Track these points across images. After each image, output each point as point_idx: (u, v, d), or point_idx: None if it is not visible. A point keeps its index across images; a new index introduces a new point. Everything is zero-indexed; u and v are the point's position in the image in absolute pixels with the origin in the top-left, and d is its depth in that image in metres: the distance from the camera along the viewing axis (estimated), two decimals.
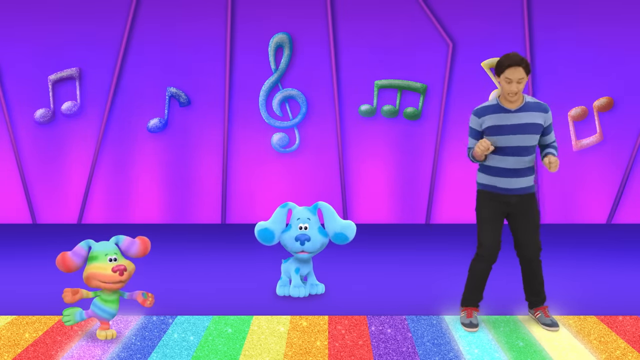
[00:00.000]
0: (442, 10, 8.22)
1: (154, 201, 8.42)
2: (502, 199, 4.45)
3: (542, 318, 4.56)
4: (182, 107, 8.34)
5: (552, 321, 4.51)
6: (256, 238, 5.33)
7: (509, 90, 4.30)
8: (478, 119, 4.44)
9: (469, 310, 4.62)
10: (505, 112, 4.38)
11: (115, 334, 4.42)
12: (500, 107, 4.40)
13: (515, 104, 4.39)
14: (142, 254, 4.58)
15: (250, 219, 8.37)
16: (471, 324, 4.53)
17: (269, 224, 5.28)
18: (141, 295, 4.49)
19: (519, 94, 4.33)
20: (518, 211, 4.47)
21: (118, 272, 4.40)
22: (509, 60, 4.27)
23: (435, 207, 8.43)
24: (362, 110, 8.29)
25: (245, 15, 8.28)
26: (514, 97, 4.33)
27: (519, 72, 4.26)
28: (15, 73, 8.30)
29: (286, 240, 5.25)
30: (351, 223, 5.28)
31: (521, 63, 4.26)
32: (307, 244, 5.18)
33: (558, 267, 6.17)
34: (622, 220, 8.38)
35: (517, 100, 4.38)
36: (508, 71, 4.27)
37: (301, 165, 8.41)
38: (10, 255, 6.74)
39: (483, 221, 4.49)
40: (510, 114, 4.37)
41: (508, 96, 4.34)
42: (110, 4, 8.23)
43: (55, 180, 8.40)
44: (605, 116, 8.27)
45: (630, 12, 8.16)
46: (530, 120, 4.37)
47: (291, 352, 4.07)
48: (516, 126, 4.36)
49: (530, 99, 4.44)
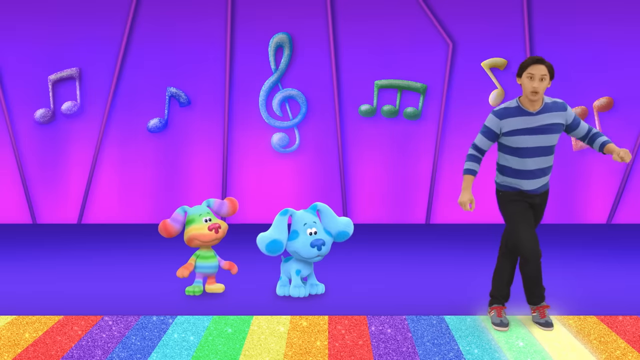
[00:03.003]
0: (442, 10, 8.22)
1: (154, 201, 8.41)
2: (528, 199, 4.45)
3: (537, 318, 4.54)
4: (182, 107, 8.34)
5: (546, 322, 4.49)
6: (262, 251, 5.16)
7: (530, 87, 4.22)
8: (499, 121, 4.35)
9: (498, 309, 4.60)
10: (527, 114, 4.31)
11: (223, 287, 5.38)
12: (522, 110, 4.32)
13: (536, 105, 4.31)
14: (231, 212, 5.53)
15: (250, 219, 8.37)
16: (502, 323, 4.49)
17: (274, 235, 5.12)
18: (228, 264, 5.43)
19: (540, 94, 4.24)
20: (536, 209, 4.51)
21: (214, 230, 5.28)
22: (531, 58, 4.25)
23: (435, 207, 8.43)
24: (362, 110, 8.29)
25: (245, 15, 8.28)
26: (535, 97, 4.24)
27: (542, 69, 4.21)
28: (15, 73, 8.30)
29: (299, 247, 5.13)
30: (349, 219, 5.35)
31: (544, 62, 4.23)
32: (323, 249, 5.17)
33: (558, 267, 6.17)
34: (622, 220, 8.38)
35: (538, 100, 4.30)
36: (531, 67, 4.22)
37: (301, 165, 8.41)
38: (10, 255, 6.74)
39: (516, 216, 4.42)
40: (531, 117, 4.31)
41: (530, 95, 4.25)
42: (110, 4, 8.23)
43: (55, 180, 8.40)
44: (605, 116, 8.27)
45: (631, 12, 8.16)
46: (551, 121, 4.33)
47: (291, 352, 4.07)
48: (538, 128, 4.31)
49: (547, 99, 4.37)
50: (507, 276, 4.62)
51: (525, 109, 4.32)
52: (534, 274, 4.44)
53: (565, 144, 8.30)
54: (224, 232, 5.37)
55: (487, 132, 4.39)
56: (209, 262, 5.38)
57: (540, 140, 4.32)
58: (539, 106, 4.32)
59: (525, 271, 4.45)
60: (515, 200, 4.45)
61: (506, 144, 4.39)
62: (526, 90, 4.26)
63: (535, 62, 4.22)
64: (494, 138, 4.40)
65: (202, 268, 5.37)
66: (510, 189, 4.46)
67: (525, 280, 4.51)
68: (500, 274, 4.63)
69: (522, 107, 4.32)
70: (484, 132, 4.40)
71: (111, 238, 7.57)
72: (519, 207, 4.43)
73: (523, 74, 4.26)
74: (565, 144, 8.30)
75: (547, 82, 4.24)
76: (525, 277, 4.49)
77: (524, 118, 4.30)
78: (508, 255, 4.60)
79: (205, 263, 5.38)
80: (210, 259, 5.39)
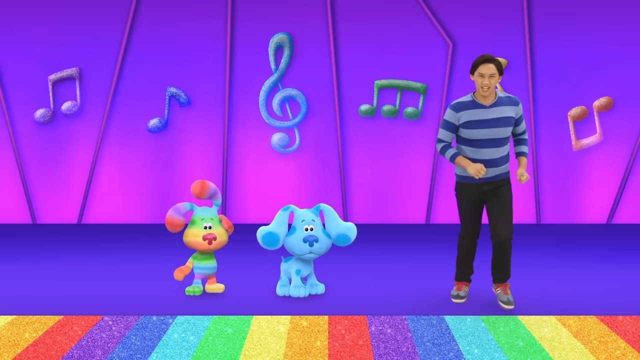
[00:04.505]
0: (442, 10, 8.22)
1: (154, 201, 8.42)
2: (477, 188, 4.87)
3: (501, 295, 4.94)
4: (182, 107, 8.34)
5: (508, 299, 4.89)
6: (260, 243, 5.21)
7: (481, 83, 4.66)
8: (456, 114, 4.78)
9: (459, 284, 5.12)
10: (481, 107, 4.75)
11: (222, 287, 5.35)
12: (476, 103, 4.76)
13: (488, 99, 4.75)
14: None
15: (250, 219, 8.38)
16: (458, 296, 5.04)
17: (272, 228, 5.19)
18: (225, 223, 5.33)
19: (491, 89, 4.68)
20: (492, 196, 4.87)
21: (207, 241, 5.20)
22: (481, 57, 4.69)
23: (435, 207, 8.43)
24: (362, 110, 8.30)
25: (245, 15, 8.28)
26: (486, 92, 4.68)
27: (491, 67, 4.64)
28: (15, 73, 8.30)
29: (293, 242, 5.18)
30: (352, 224, 5.29)
31: (493, 60, 4.66)
32: (315, 245, 5.16)
33: (558, 267, 6.18)
34: (622, 220, 8.38)
35: (490, 95, 4.73)
36: (481, 67, 4.65)
37: (301, 165, 8.41)
38: (10, 255, 6.74)
39: (463, 211, 4.99)
40: (485, 109, 4.74)
41: (481, 90, 4.68)
42: (110, 4, 8.23)
43: (55, 180, 8.40)
44: (605, 116, 8.27)
45: (630, 12, 8.17)
46: (503, 114, 4.75)
47: (291, 352, 4.07)
48: (490, 120, 4.73)
49: (502, 94, 4.81)
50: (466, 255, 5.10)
51: (479, 102, 4.76)
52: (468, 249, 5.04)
53: (565, 144, 8.30)
54: (220, 244, 5.31)
55: (447, 124, 4.84)
56: (207, 263, 5.36)
57: (493, 132, 4.75)
58: (491, 100, 4.76)
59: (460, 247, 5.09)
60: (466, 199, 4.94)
61: (462, 135, 4.83)
62: (477, 86, 4.70)
63: (485, 61, 4.66)
64: (454, 130, 4.84)
65: (200, 269, 5.36)
66: (464, 180, 4.92)
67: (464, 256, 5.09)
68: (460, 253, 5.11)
69: (476, 100, 4.77)
70: (444, 126, 4.86)
71: (111, 238, 7.57)
72: (468, 206, 4.94)
73: (475, 72, 4.68)
74: (565, 144, 8.30)
75: (497, 78, 4.68)
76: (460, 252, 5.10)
77: (478, 110, 4.74)
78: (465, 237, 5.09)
79: (203, 264, 5.36)
80: (208, 260, 5.37)
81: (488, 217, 4.93)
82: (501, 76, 4.72)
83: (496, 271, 5.00)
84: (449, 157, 4.86)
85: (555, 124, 8.27)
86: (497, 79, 4.67)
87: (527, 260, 6.43)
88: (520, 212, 8.21)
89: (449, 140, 4.90)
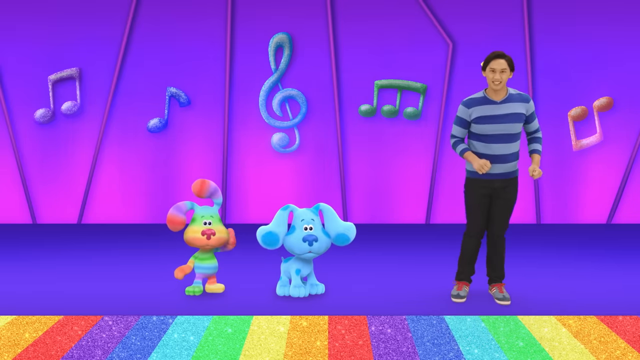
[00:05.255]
0: (442, 10, 8.22)
1: (153, 201, 8.42)
2: (487, 184, 4.93)
3: (497, 293, 5.07)
4: (182, 107, 8.34)
5: (504, 296, 5.02)
6: (259, 243, 5.22)
7: (492, 78, 4.73)
8: (467, 110, 4.87)
9: (460, 284, 5.15)
10: (492, 103, 4.83)
11: (223, 287, 5.37)
12: (487, 99, 4.85)
13: (499, 95, 4.83)
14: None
15: (250, 219, 8.38)
16: (458, 295, 5.08)
17: (272, 228, 5.19)
18: (230, 239, 5.41)
19: (502, 84, 4.76)
20: (500, 194, 4.96)
21: (206, 236, 5.24)
22: (493, 53, 4.78)
23: (435, 207, 8.43)
24: (362, 110, 8.30)
25: (245, 15, 8.28)
26: (498, 86, 4.75)
27: (502, 63, 4.72)
28: (15, 73, 8.30)
29: (292, 242, 5.18)
30: (351, 224, 5.29)
31: (504, 56, 4.74)
32: (314, 245, 5.16)
33: (558, 267, 6.18)
34: (622, 220, 8.38)
35: (501, 91, 4.82)
36: (492, 62, 4.74)
37: (301, 165, 8.41)
38: (10, 255, 6.74)
39: (471, 208, 5.04)
40: (495, 105, 4.83)
41: (493, 84, 4.76)
42: (110, 4, 8.23)
43: (55, 180, 8.40)
44: (605, 116, 8.27)
45: (631, 12, 8.16)
46: (513, 110, 4.83)
47: (291, 352, 4.07)
48: (501, 116, 4.82)
49: (513, 91, 4.89)
50: (470, 255, 5.15)
51: (491, 98, 4.84)
52: (472, 250, 5.11)
53: (565, 144, 8.30)
54: (219, 240, 5.33)
55: (460, 121, 4.93)
56: (208, 263, 5.39)
57: (503, 128, 4.82)
58: (503, 96, 4.84)
59: (464, 246, 5.17)
60: (475, 194, 4.97)
61: (473, 131, 4.90)
62: (489, 81, 4.78)
63: (496, 57, 4.74)
64: (466, 126, 4.92)
65: (201, 269, 5.38)
66: (473, 175, 4.96)
67: (467, 256, 5.15)
68: (464, 252, 5.16)
69: (487, 97, 4.85)
70: (457, 122, 4.94)
71: (111, 238, 7.57)
72: (477, 202, 4.98)
73: (487, 68, 4.77)
74: (565, 144, 8.30)
75: (509, 74, 4.75)
76: (463, 252, 5.17)
77: (489, 106, 4.82)
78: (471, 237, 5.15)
79: (204, 264, 5.38)
80: (209, 260, 5.39)
81: (490, 212, 5.05)
82: (512, 72, 4.77)
83: (491, 270, 5.16)
84: (459, 152, 4.96)
85: (555, 124, 8.26)
86: (509, 74, 4.75)
87: (527, 260, 6.44)
88: (520, 212, 8.21)
89: (462, 136, 4.98)
